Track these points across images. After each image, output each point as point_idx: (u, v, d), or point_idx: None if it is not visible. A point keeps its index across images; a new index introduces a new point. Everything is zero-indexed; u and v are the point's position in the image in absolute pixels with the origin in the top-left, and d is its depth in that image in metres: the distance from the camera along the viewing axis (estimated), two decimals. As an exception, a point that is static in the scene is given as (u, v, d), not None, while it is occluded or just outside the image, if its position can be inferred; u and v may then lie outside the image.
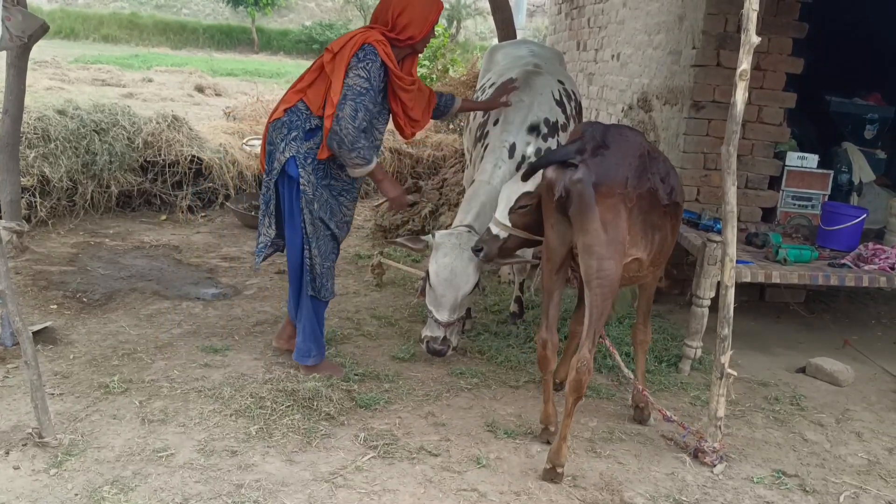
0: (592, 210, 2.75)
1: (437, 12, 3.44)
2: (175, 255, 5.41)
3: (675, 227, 3.20)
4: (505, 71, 4.32)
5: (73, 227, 5.76)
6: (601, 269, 2.78)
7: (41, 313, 4.10)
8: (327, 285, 3.57)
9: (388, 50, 3.30)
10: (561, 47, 8.27)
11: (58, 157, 5.69)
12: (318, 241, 3.47)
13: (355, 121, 3.21)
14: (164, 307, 4.35)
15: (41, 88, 14.11)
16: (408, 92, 3.44)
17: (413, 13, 3.36)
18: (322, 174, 3.40)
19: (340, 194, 3.50)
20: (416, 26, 3.37)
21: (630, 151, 2.92)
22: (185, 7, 39.27)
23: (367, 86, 3.24)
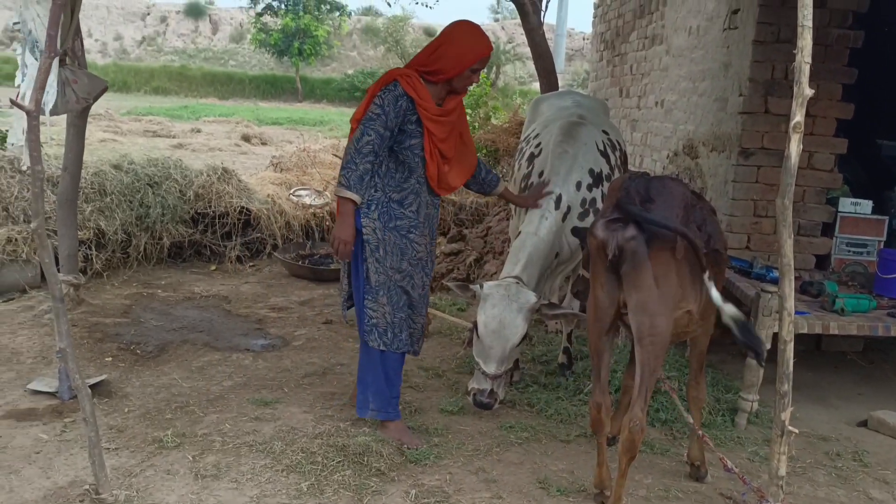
0: (646, 266, 2.72)
1: (477, 57, 3.37)
2: (225, 305, 5.49)
3: (718, 275, 3.14)
4: (549, 122, 4.35)
5: (127, 278, 5.89)
6: (654, 325, 2.75)
7: (97, 366, 4.18)
8: (401, 336, 3.47)
9: (414, 82, 3.29)
10: (603, 94, 8.30)
11: (113, 210, 5.85)
12: (389, 290, 3.40)
13: (359, 142, 3.22)
14: (214, 359, 4.41)
15: (95, 141, 14.66)
16: (435, 122, 3.35)
17: (448, 50, 3.35)
18: (387, 217, 3.37)
19: (409, 231, 3.41)
20: (447, 62, 3.33)
21: (675, 203, 2.89)
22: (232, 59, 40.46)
23: (378, 111, 3.23)
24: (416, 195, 3.42)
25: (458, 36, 3.39)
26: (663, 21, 6.56)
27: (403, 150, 3.35)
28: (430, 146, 3.36)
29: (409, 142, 3.34)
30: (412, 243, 3.43)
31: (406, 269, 3.44)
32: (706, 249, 2.99)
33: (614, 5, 8.05)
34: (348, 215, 3.27)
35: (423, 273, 3.54)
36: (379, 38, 40.30)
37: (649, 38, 6.93)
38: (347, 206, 3.27)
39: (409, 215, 3.41)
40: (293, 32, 34.78)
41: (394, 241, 3.39)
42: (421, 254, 3.48)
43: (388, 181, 3.38)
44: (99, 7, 40.21)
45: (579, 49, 38.97)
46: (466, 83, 3.45)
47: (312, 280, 6.27)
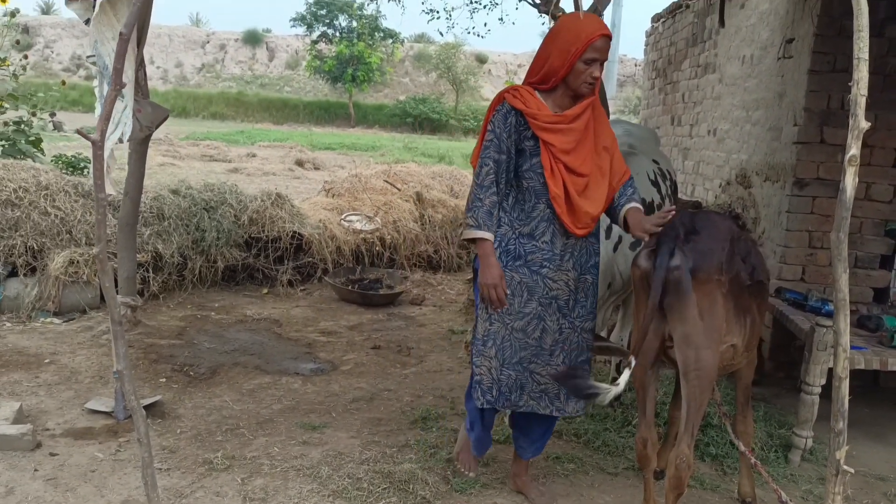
0: (690, 298, 2.70)
1: (585, 43, 2.81)
2: (276, 328, 5.58)
3: (762, 307, 3.10)
4: None
5: (182, 300, 6.03)
6: (699, 359, 2.72)
7: (151, 386, 4.28)
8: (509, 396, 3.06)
9: (522, 94, 2.91)
10: (654, 122, 8.25)
11: (170, 234, 6.01)
12: (501, 340, 3.02)
13: (479, 176, 2.90)
14: (265, 382, 4.48)
15: (155, 165, 15.10)
16: (551, 131, 2.88)
17: (551, 48, 2.90)
18: (515, 253, 2.97)
19: (542, 266, 2.96)
20: (554, 60, 2.87)
21: (720, 236, 2.87)
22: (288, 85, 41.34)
23: (491, 136, 2.90)
24: (548, 223, 2.95)
25: (559, 28, 2.92)
26: (716, 50, 6.52)
27: (525, 173, 2.93)
28: (551, 161, 2.89)
29: (528, 162, 2.92)
30: (545, 279, 2.96)
31: (533, 310, 2.99)
32: (750, 281, 2.96)
33: (667, 34, 8.02)
34: (487, 256, 2.88)
35: (561, 316, 3.02)
36: (431, 65, 40.81)
37: (702, 67, 6.89)
38: (483, 246, 2.89)
39: (542, 247, 2.96)
40: (347, 59, 35.44)
41: (519, 280, 2.96)
42: (556, 292, 2.99)
43: (516, 213, 2.98)
44: (161, 35, 41.55)
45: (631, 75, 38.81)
46: (586, 80, 2.87)
47: (362, 305, 6.34)
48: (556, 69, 2.88)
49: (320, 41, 36.60)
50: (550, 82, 2.92)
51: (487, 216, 2.89)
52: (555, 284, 2.99)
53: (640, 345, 2.80)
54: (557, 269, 2.99)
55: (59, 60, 40.26)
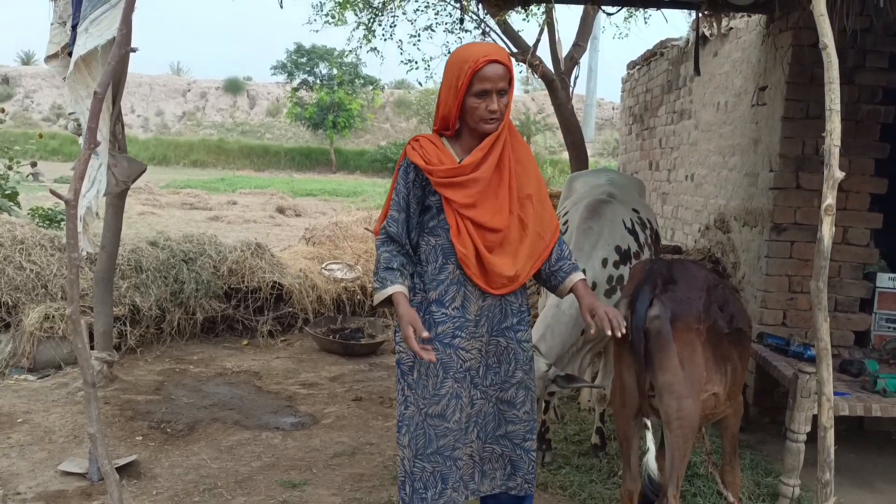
0: (670, 347, 2.69)
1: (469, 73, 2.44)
2: (255, 381, 5.49)
3: (743, 354, 3.10)
4: (579, 199, 4.36)
5: (160, 353, 5.94)
6: (681, 408, 2.71)
7: (127, 445, 4.18)
8: (425, 494, 2.65)
9: (423, 144, 2.58)
10: (633, 167, 8.34)
11: (148, 286, 5.94)
12: (415, 427, 2.65)
13: (381, 235, 2.64)
14: (244, 438, 4.39)
15: (135, 214, 15.02)
16: (449, 186, 2.52)
17: (442, 87, 2.57)
18: (426, 325, 2.57)
19: (454, 336, 2.59)
20: (445, 99, 2.54)
21: (697, 284, 2.89)
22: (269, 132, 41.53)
23: (394, 195, 2.62)
24: (459, 285, 2.60)
25: (448, 65, 2.56)
26: (691, 96, 6.62)
27: (433, 230, 2.62)
28: (456, 218, 2.55)
29: (436, 219, 2.61)
30: (457, 351, 2.60)
31: (450, 389, 2.61)
32: (729, 329, 2.96)
33: (642, 80, 8.15)
34: (399, 304, 2.52)
35: (473, 387, 2.66)
36: (411, 111, 41.25)
37: (678, 113, 6.99)
38: (395, 299, 2.53)
39: (453, 314, 2.59)
40: (328, 106, 35.72)
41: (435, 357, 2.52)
42: (469, 363, 2.62)
43: (425, 277, 2.64)
44: (142, 85, 41.76)
45: (609, 118, 39.37)
46: (483, 117, 2.49)
47: (343, 355, 6.26)
48: (449, 110, 2.53)
49: (301, 88, 36.90)
50: (451, 127, 2.57)
51: (390, 272, 2.56)
52: (468, 355, 2.62)
53: (622, 396, 2.78)
54: (471, 337, 2.62)
55: (39, 110, 40.28)
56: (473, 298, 2.62)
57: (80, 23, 2.88)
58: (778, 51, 4.84)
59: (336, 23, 7.92)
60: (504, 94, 2.50)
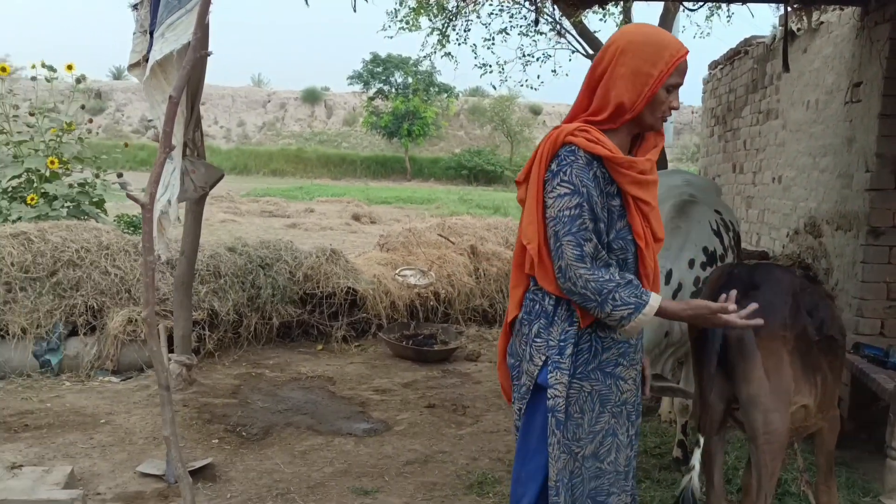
0: (754, 356, 2.52)
1: (671, 64, 2.12)
2: (329, 386, 5.50)
3: (835, 363, 2.88)
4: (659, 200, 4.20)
5: (237, 358, 6.02)
6: (768, 422, 2.53)
7: (203, 448, 4.22)
8: None
9: (594, 135, 2.13)
10: (714, 169, 8.05)
11: (226, 291, 6.03)
12: (570, 476, 2.21)
13: (583, 259, 2.08)
14: (317, 443, 4.38)
15: (216, 221, 15.42)
16: (641, 184, 2.17)
17: (620, 70, 2.14)
18: (584, 356, 2.19)
19: (618, 363, 2.24)
20: (627, 88, 2.13)
21: (782, 289, 2.70)
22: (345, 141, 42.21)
23: (577, 199, 2.08)
24: None
25: (629, 46, 2.15)
26: (778, 95, 6.34)
27: (608, 244, 2.18)
28: (642, 225, 2.20)
29: (613, 229, 2.18)
30: (618, 381, 2.24)
31: (605, 425, 2.24)
32: (818, 336, 2.76)
33: (725, 80, 7.87)
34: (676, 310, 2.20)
35: (630, 425, 2.30)
36: (486, 118, 41.24)
37: (764, 113, 6.70)
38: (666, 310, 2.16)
39: (618, 338, 2.23)
40: (403, 114, 36.07)
41: (590, 390, 2.21)
42: (626, 394, 2.27)
43: None
44: (225, 97, 43.07)
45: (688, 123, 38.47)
46: (663, 113, 2.19)
47: (416, 361, 6.22)
48: (632, 101, 2.13)
49: (377, 97, 37.37)
50: (620, 119, 2.16)
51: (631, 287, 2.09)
52: (626, 385, 2.27)
53: (703, 409, 2.62)
54: (630, 365, 2.27)
55: (129, 123, 41.98)
56: None
57: (156, 28, 2.91)
58: (874, 45, 4.56)
59: (410, 28, 7.92)
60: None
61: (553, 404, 2.16)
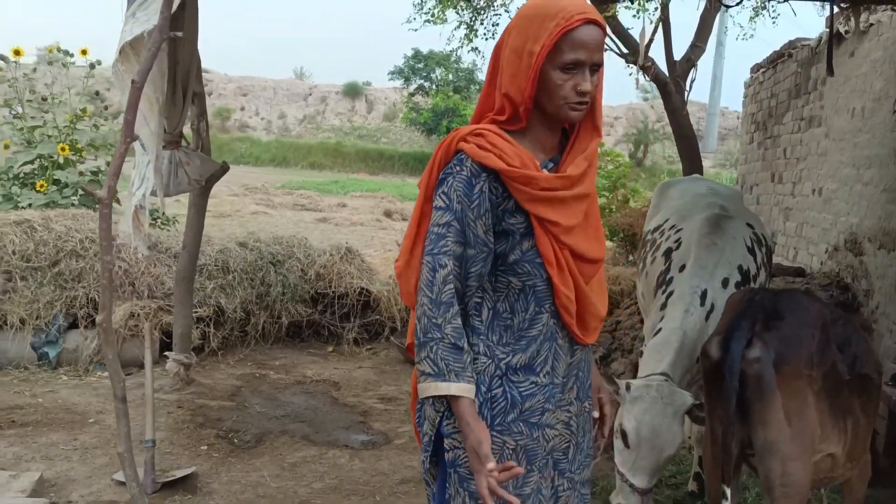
0: (773, 397, 2.22)
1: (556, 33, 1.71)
2: (333, 392, 5.28)
3: (869, 406, 2.55)
4: (683, 209, 3.88)
5: (243, 357, 5.83)
6: (786, 472, 2.23)
7: (190, 455, 4.03)
8: None
9: (491, 140, 1.78)
10: (753, 178, 7.66)
11: (234, 288, 5.85)
12: None
13: (431, 286, 1.75)
14: (310, 455, 4.16)
15: (247, 213, 15.37)
16: (551, 202, 1.79)
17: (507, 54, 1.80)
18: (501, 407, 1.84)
19: (543, 411, 1.86)
20: (508, 76, 1.79)
21: (810, 320, 2.38)
22: (384, 136, 42.12)
23: (447, 218, 1.77)
24: (550, 341, 1.87)
25: (516, 23, 1.81)
26: (822, 102, 5.95)
27: (514, 267, 1.83)
28: (554, 247, 1.81)
29: (517, 250, 1.83)
30: (544, 430, 1.87)
31: (533, 488, 1.88)
32: (850, 375, 2.44)
33: (767, 84, 7.47)
34: (464, 416, 1.73)
35: (558, 474, 1.93)
36: (526, 117, 40.74)
37: (806, 120, 6.31)
38: (458, 406, 1.74)
39: (543, 381, 1.86)
40: (443, 111, 35.79)
41: (514, 446, 1.85)
42: (554, 442, 1.89)
43: (499, 334, 1.86)
44: (267, 89, 43.30)
45: (733, 128, 37.57)
46: (570, 99, 1.76)
47: (428, 368, 5.97)
48: (519, 89, 1.77)
49: (417, 93, 37.21)
50: (524, 113, 1.80)
51: (454, 353, 1.74)
52: (552, 432, 1.89)
53: (715, 452, 2.32)
54: (557, 408, 1.89)
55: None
56: (563, 355, 1.89)
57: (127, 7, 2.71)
58: (928, 48, 4.18)
59: (435, 21, 7.66)
60: (596, 70, 1.78)
61: (452, 457, 1.82)
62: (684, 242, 3.60)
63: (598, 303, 1.91)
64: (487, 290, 1.85)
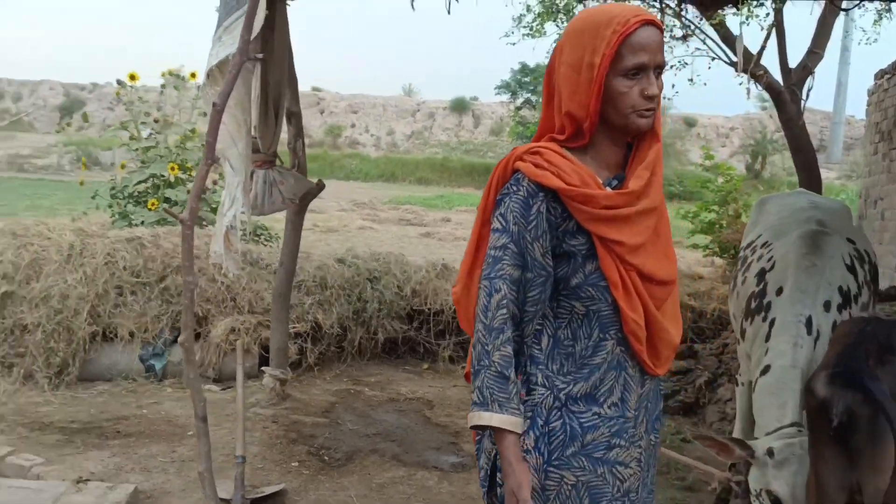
0: (887, 442, 1.98)
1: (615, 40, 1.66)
2: (426, 410, 5.23)
3: None
4: (779, 226, 3.62)
5: (339, 372, 5.88)
6: (904, 527, 1.98)
7: (281, 471, 4.06)
8: None
9: (549, 159, 1.71)
10: (877, 192, 7.14)
11: (331, 304, 5.91)
12: None
13: (486, 311, 1.68)
14: (398, 475, 4.11)
15: (354, 228, 15.68)
16: (613, 221, 1.70)
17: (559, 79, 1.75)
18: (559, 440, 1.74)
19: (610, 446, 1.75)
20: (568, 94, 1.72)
21: None
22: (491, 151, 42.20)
23: (504, 241, 1.70)
24: (618, 370, 1.77)
25: (566, 39, 1.75)
26: (956, 108, 5.46)
27: (575, 292, 1.74)
28: (619, 268, 1.72)
29: (579, 274, 1.74)
30: (615, 468, 1.76)
31: None
32: None
33: (893, 91, 6.95)
34: (507, 453, 1.67)
35: None
36: (635, 129, 39.88)
37: (938, 128, 5.81)
38: (502, 440, 1.68)
39: (609, 413, 1.75)
40: (549, 125, 35.58)
41: (574, 482, 1.74)
42: (630, 482, 1.78)
43: (560, 363, 1.76)
44: (376, 106, 44.35)
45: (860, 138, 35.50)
46: (638, 106, 1.70)
47: (524, 389, 5.84)
48: (582, 106, 1.70)
49: (524, 107, 37.12)
50: (588, 129, 1.72)
51: (500, 382, 1.66)
52: (627, 471, 1.77)
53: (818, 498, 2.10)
54: (630, 444, 1.77)
55: (286, 130, 44.05)
56: (634, 386, 1.78)
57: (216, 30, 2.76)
58: None
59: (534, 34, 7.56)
60: (660, 72, 1.72)
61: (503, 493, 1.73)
62: (779, 262, 3.35)
63: (672, 329, 1.80)
64: (548, 317, 1.78)
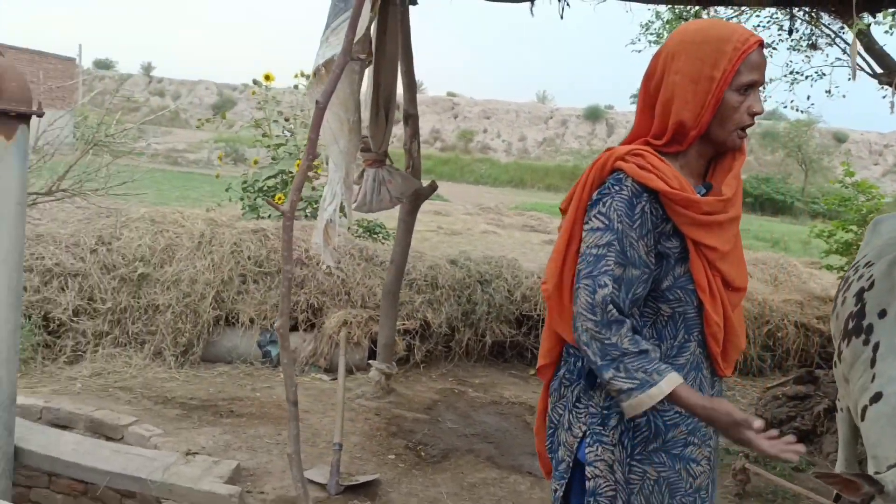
0: None
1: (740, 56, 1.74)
2: (527, 416, 5.21)
3: None
4: (886, 246, 3.37)
5: (445, 371, 5.96)
6: None
7: (378, 462, 4.17)
8: None
9: (648, 160, 1.76)
10: None
11: (441, 303, 6.00)
12: None
13: (594, 308, 1.70)
14: (491, 477, 4.12)
15: (477, 232, 15.78)
16: (709, 227, 1.77)
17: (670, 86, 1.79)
18: (643, 436, 1.83)
19: (687, 444, 1.84)
20: (682, 102, 1.77)
21: None
22: (623, 160, 41.53)
23: (608, 238, 1.73)
24: (696, 370, 1.85)
25: (680, 48, 1.79)
26: None
27: (666, 293, 1.80)
28: (708, 273, 1.79)
29: (670, 276, 1.79)
30: (689, 464, 1.84)
31: None
32: None
33: None
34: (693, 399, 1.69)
35: None
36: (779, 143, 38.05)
37: None
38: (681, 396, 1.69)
39: (687, 413, 1.78)
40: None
41: (656, 478, 1.83)
42: (700, 479, 1.86)
43: None
44: (509, 112, 44.54)
45: None
46: (743, 122, 1.79)
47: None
48: (694, 115, 1.75)
49: (659, 116, 36.25)
50: (687, 140, 1.80)
51: (643, 358, 1.69)
52: (699, 468, 1.85)
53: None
54: (702, 443, 1.85)
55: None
56: (707, 387, 1.86)
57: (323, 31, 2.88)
58: None
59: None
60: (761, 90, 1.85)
61: (593, 486, 1.81)
62: (878, 283, 3.12)
63: (741, 333, 1.91)
64: (634, 316, 1.81)
